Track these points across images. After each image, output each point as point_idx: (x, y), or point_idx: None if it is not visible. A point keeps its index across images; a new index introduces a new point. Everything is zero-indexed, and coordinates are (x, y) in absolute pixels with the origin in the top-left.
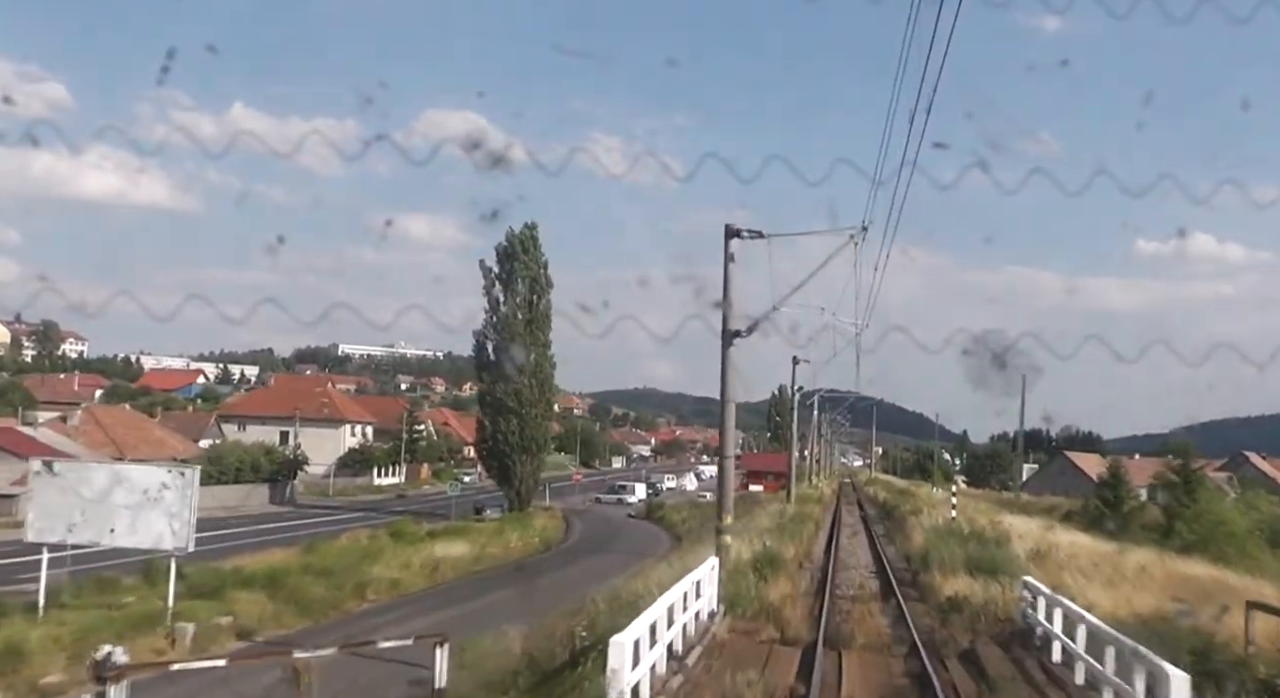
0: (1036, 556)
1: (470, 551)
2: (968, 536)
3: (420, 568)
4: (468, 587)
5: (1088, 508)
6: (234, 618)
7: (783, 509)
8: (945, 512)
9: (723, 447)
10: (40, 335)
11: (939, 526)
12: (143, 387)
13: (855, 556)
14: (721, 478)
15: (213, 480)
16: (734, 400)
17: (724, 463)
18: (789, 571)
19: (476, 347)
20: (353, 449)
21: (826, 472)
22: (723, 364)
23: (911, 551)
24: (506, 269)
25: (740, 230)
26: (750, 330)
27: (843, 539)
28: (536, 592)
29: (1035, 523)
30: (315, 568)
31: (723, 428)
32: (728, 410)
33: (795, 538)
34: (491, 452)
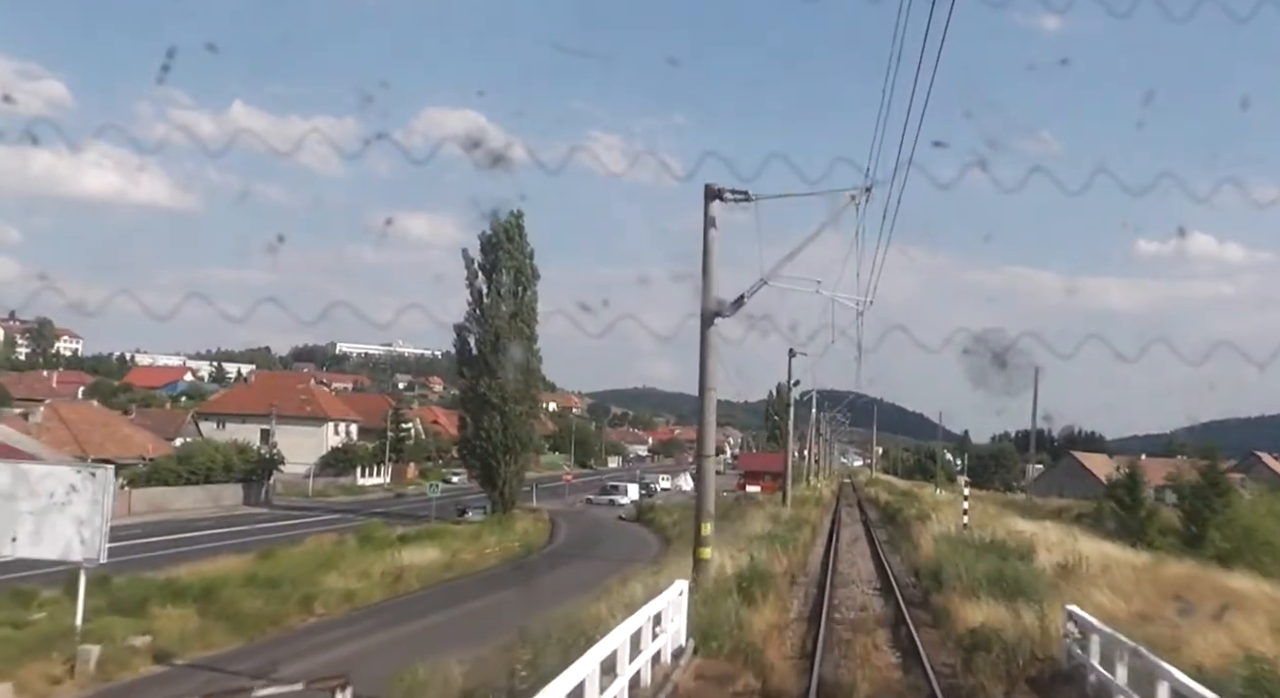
0: (1065, 571)
1: (441, 557)
2: (985, 546)
3: (381, 577)
4: (430, 599)
5: (1101, 511)
6: (152, 638)
7: (778, 513)
8: (953, 514)
9: (701, 443)
10: (34, 333)
11: (949, 534)
12: (126, 384)
13: (856, 567)
14: (700, 480)
15: (182, 480)
16: (714, 389)
17: (702, 463)
18: (779, 589)
19: (458, 341)
20: (335, 448)
21: (826, 472)
22: (702, 348)
23: (920, 562)
24: (490, 259)
25: (722, 191)
26: (735, 307)
27: (842, 547)
28: (503, 606)
29: (1052, 529)
30: (262, 578)
31: (701, 421)
32: (707, 401)
33: (789, 547)
34: (474, 451)
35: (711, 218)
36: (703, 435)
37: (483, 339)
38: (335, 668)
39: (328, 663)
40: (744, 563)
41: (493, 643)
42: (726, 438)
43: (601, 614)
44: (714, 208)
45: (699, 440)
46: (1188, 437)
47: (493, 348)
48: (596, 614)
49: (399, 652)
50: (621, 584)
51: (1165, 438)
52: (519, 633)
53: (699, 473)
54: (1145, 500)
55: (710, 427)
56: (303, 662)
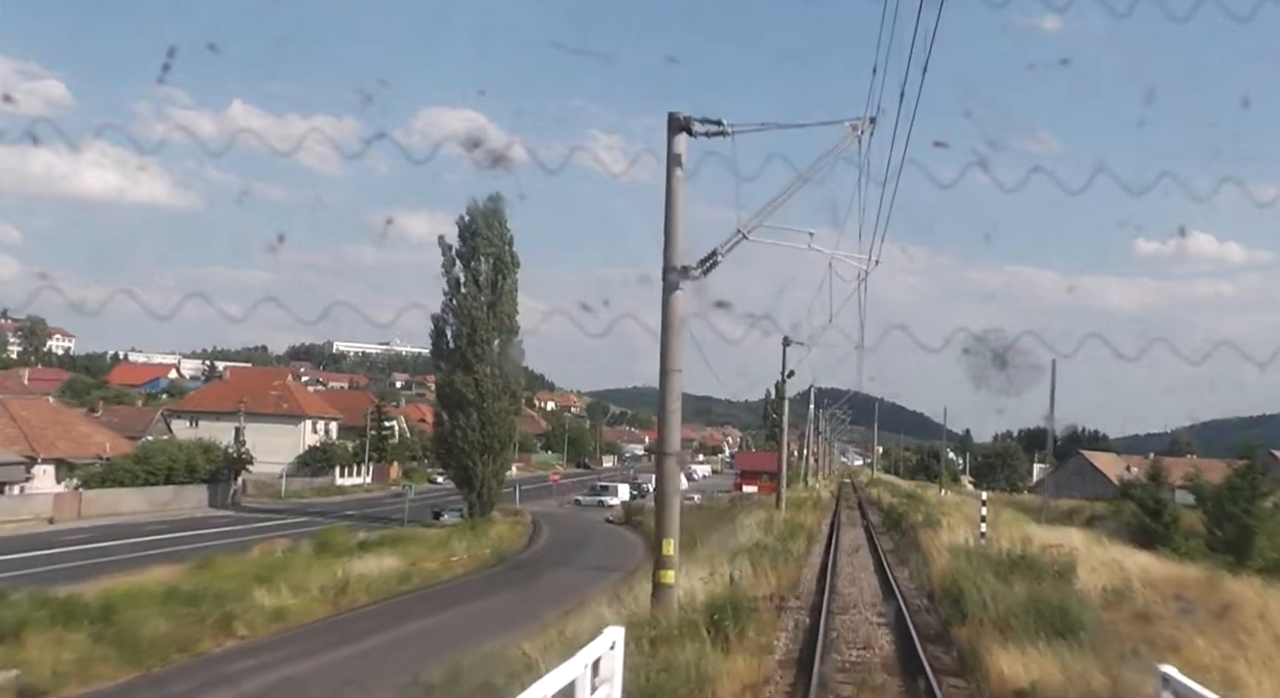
0: (1115, 596)
1: (400, 566)
2: (1010, 561)
3: (322, 592)
4: (373, 618)
5: (1121, 515)
6: (19, 673)
7: (769, 518)
8: (962, 518)
9: (662, 436)
10: (26, 331)
11: (965, 545)
12: (104, 382)
13: (857, 583)
14: (660, 485)
15: (139, 481)
16: (678, 371)
17: (662, 463)
18: (762, 620)
19: (434, 333)
20: (313, 447)
21: (826, 472)
22: (664, 318)
23: (934, 580)
24: (468, 246)
25: (689, 121)
26: (706, 268)
27: (841, 558)
28: (446, 629)
29: (1076, 536)
30: (184, 594)
31: (662, 411)
32: (669, 385)
33: (780, 560)
34: (449, 450)
35: (677, 156)
36: (664, 428)
37: (459, 331)
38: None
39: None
40: (721, 586)
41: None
42: (725, 437)
43: (530, 658)
44: (680, 143)
45: (659, 434)
46: (1188, 435)
47: (470, 340)
48: (522, 658)
49: (303, 689)
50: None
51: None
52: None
53: (658, 476)
54: (1169, 503)
55: (673, 417)
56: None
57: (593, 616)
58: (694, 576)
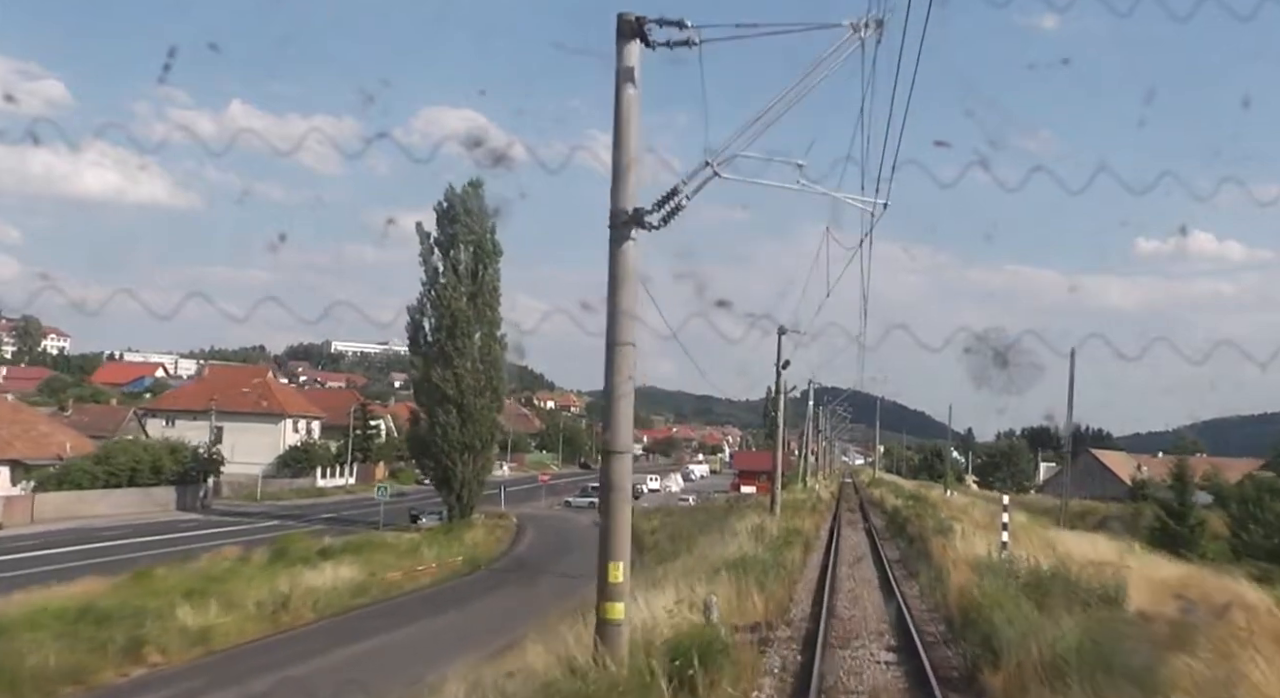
0: (1183, 629)
1: (358, 577)
2: (1041, 579)
3: (259, 608)
4: (309, 640)
5: (1139, 518)
6: None
7: (763, 524)
8: (974, 523)
9: (609, 427)
10: (20, 331)
11: (985, 558)
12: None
13: (859, 604)
14: (606, 493)
15: (99, 483)
16: (631, 344)
17: (609, 462)
18: (740, 663)
19: (411, 325)
20: (293, 447)
21: (826, 471)
22: (611, 273)
23: (951, 601)
24: (447, 233)
25: (644, 25)
26: (666, 214)
27: (842, 572)
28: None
29: (1102, 543)
30: (99, 612)
31: (609, 392)
32: (617, 362)
33: (769, 577)
34: (427, 450)
35: (628, 70)
36: (611, 418)
37: (439, 324)
38: None
39: None
40: (693, 616)
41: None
42: (726, 436)
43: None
44: (631, 54)
45: (606, 425)
46: (1189, 434)
47: (450, 333)
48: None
49: None
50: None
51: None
52: None
53: (604, 480)
54: (1194, 506)
55: (622, 404)
56: None
57: (534, 652)
58: (661, 601)
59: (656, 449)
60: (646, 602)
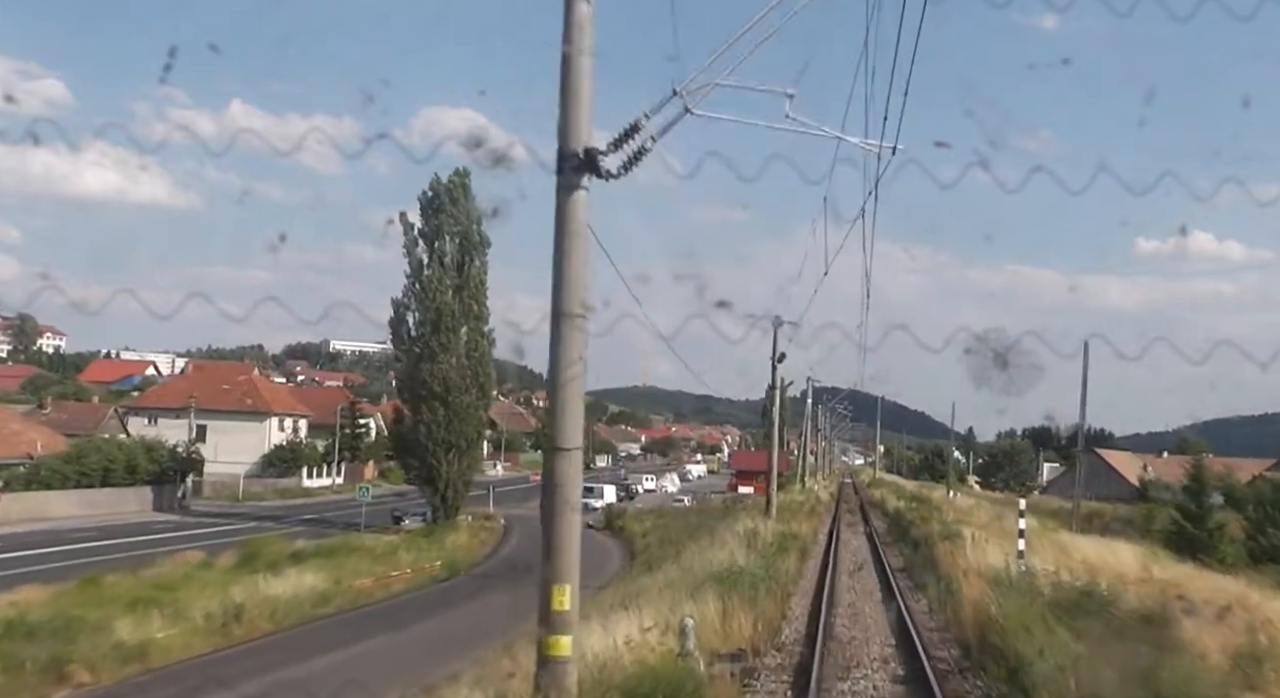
0: (1251, 662)
1: (325, 584)
2: (1072, 597)
3: (208, 620)
4: (254, 657)
5: (1152, 520)
6: None
7: (756, 529)
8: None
9: (554, 419)
10: (16, 330)
11: (1006, 572)
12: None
13: (861, 623)
14: (549, 498)
15: (70, 483)
16: (582, 315)
17: (553, 460)
18: None
19: (394, 319)
20: (278, 446)
21: (825, 471)
22: (557, 228)
23: (966, 620)
24: (432, 224)
25: None
26: (628, 158)
27: (841, 584)
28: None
29: (1125, 550)
30: (28, 625)
31: (553, 377)
32: (564, 337)
33: (759, 591)
34: (411, 448)
35: None
36: (558, 406)
37: (423, 318)
38: None
39: None
40: (663, 644)
41: None
42: (725, 436)
43: None
44: None
45: (550, 417)
46: (1189, 434)
47: (434, 328)
48: None
49: None
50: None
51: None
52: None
53: (546, 484)
54: (1213, 508)
55: (571, 391)
56: None
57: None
58: (629, 626)
59: (655, 449)
60: (608, 627)
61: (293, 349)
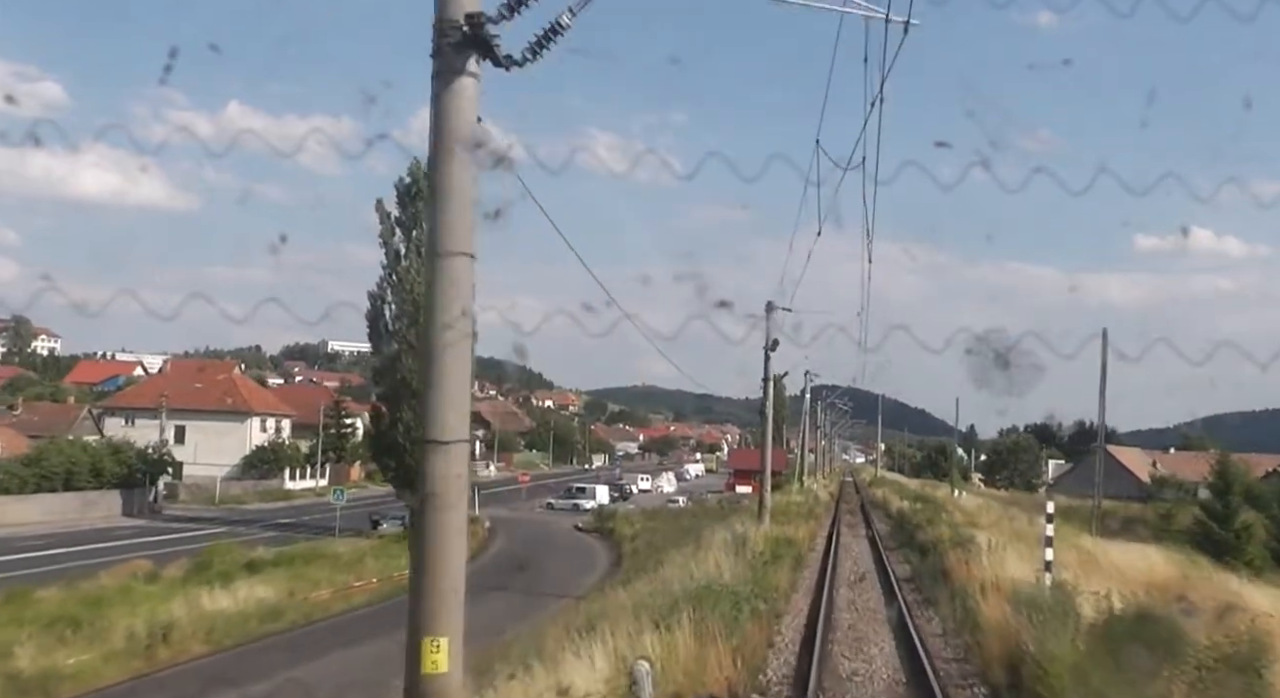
0: None
1: (277, 596)
2: (1126, 624)
3: (130, 641)
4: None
5: (1170, 519)
6: None
7: (747, 534)
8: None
9: (428, 396)
10: (11, 332)
11: (1031, 588)
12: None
13: (865, 651)
14: (424, 515)
15: (29, 487)
16: (468, 255)
17: (428, 457)
18: None
19: (371, 312)
20: (259, 447)
21: (825, 470)
22: (435, 124)
23: (986, 649)
24: (409, 212)
25: None
26: (538, 41)
27: (841, 595)
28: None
29: (1155, 555)
30: None
31: (429, 335)
32: (442, 279)
33: (743, 611)
34: (388, 448)
35: None
36: (434, 381)
37: (401, 310)
38: None
39: None
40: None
41: None
42: (725, 435)
43: None
44: None
45: (425, 399)
46: (1189, 430)
47: (413, 321)
48: None
49: None
50: None
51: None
52: None
53: (424, 488)
54: (1239, 508)
55: (450, 358)
56: None
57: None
58: (573, 670)
59: (653, 448)
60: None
61: (291, 350)
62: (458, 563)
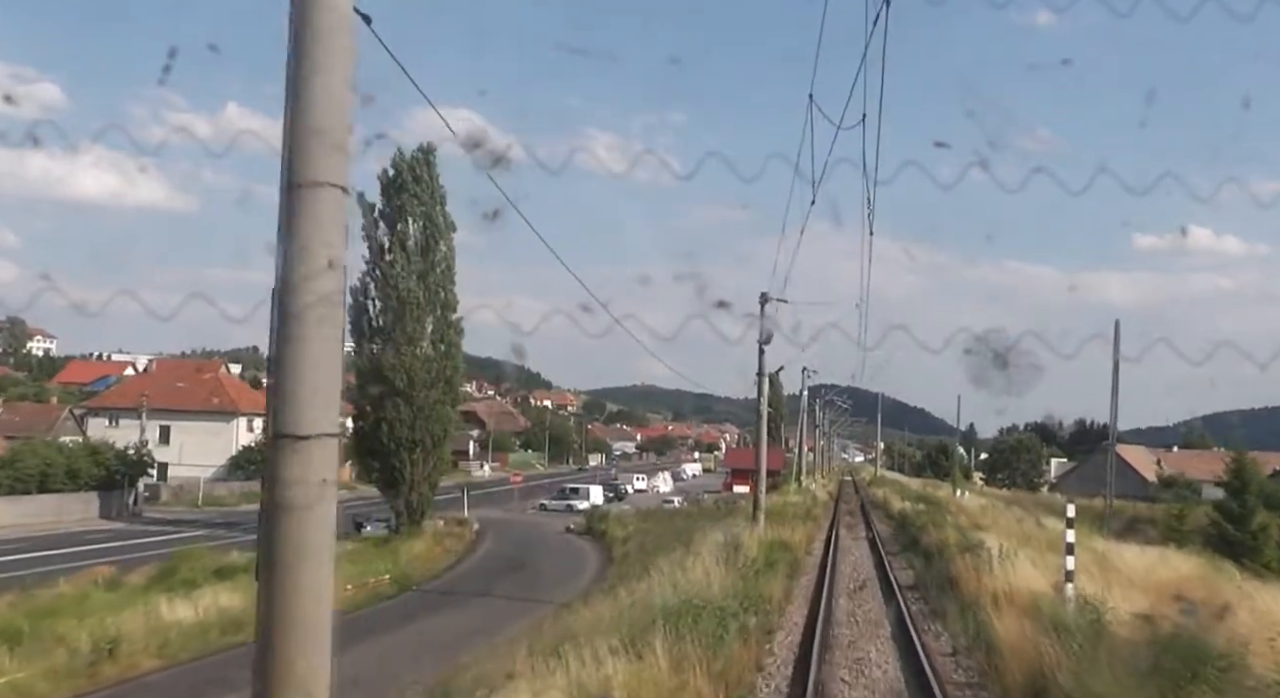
0: None
1: (244, 605)
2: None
3: (73, 657)
4: None
5: (1182, 520)
6: None
7: (739, 538)
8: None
9: (279, 383)
10: (6, 333)
11: (1054, 605)
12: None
13: (866, 673)
14: (275, 527)
15: (3, 490)
16: (336, 185)
17: (279, 455)
18: None
19: (353, 308)
20: (246, 447)
21: (825, 469)
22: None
23: (1005, 673)
24: (394, 205)
25: None
26: None
27: (840, 605)
28: None
29: (1178, 559)
30: None
31: (285, 289)
32: (302, 216)
33: (729, 630)
34: (372, 448)
35: None
36: (289, 361)
37: (384, 306)
38: None
39: None
40: None
41: None
42: (723, 435)
43: None
44: None
45: (276, 377)
46: (1186, 429)
47: (397, 317)
48: None
49: None
50: None
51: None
52: None
53: (270, 494)
54: (1257, 508)
55: (312, 320)
56: None
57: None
58: None
59: (651, 448)
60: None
61: None
62: (317, 609)
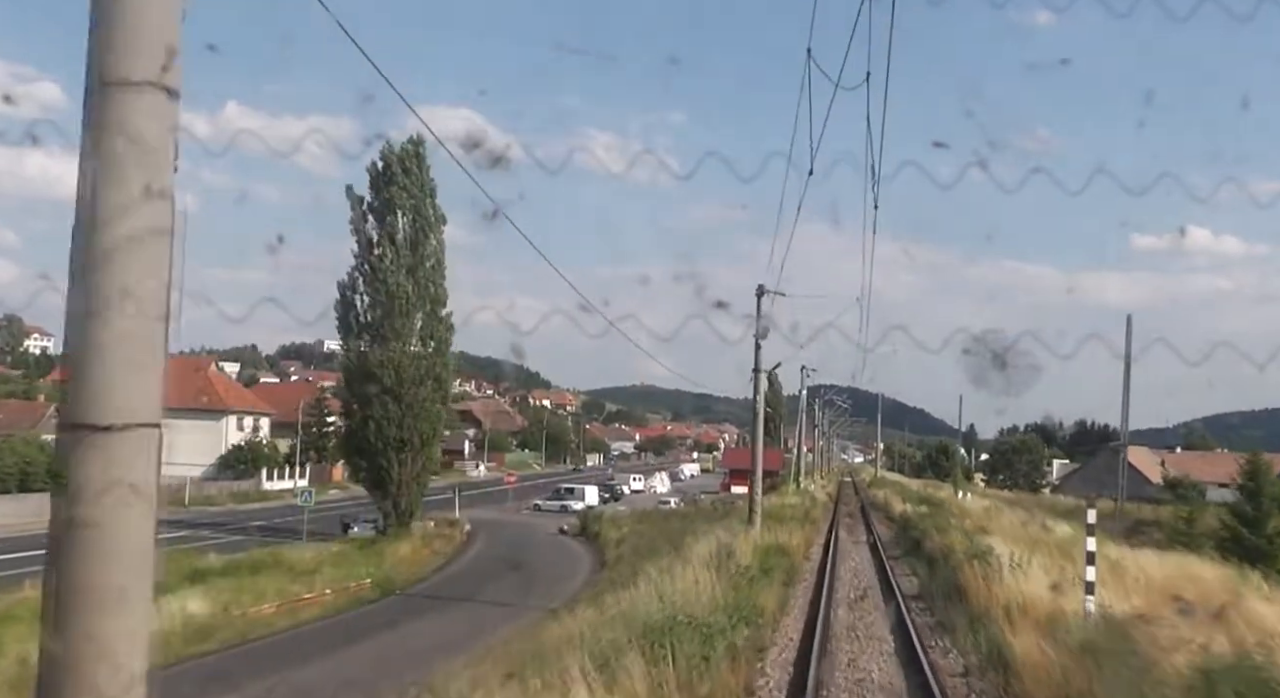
0: None
1: (209, 614)
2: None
3: (23, 666)
4: None
5: (1192, 522)
6: None
7: (733, 544)
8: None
9: (79, 356)
10: (3, 330)
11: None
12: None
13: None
14: (59, 553)
15: None
16: (157, 82)
17: (76, 451)
18: None
19: (340, 304)
20: (236, 446)
21: (824, 470)
22: None
23: None
24: (383, 198)
25: None
26: None
27: (839, 617)
28: None
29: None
30: None
31: (88, 235)
32: (106, 132)
33: (715, 649)
34: (360, 448)
35: None
36: (93, 321)
37: (373, 302)
38: None
39: None
40: None
41: None
42: (723, 435)
43: None
44: None
45: (74, 347)
46: (1185, 430)
47: (385, 312)
48: None
49: None
50: None
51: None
52: None
53: (64, 506)
54: (1273, 512)
55: (128, 270)
56: None
57: None
58: None
59: (650, 448)
60: None
61: (287, 350)
62: (128, 648)
